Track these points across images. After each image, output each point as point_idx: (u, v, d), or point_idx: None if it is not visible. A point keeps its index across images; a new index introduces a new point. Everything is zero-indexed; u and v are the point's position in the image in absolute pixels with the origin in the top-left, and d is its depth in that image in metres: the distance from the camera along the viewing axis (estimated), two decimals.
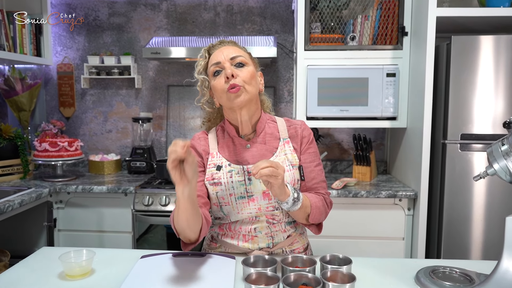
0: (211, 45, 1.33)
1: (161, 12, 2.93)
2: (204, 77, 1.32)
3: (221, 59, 1.27)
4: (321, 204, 1.30)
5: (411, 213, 2.30)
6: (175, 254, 1.32)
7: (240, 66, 1.27)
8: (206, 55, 1.32)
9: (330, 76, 2.41)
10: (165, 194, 2.34)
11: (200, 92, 1.36)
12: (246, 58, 1.30)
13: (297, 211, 1.22)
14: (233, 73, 1.24)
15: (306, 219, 1.29)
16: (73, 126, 3.05)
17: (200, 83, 1.34)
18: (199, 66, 1.33)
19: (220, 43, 1.33)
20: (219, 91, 1.27)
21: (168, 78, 2.98)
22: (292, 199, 1.18)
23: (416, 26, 2.31)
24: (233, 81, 1.23)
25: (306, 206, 1.24)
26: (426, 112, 2.14)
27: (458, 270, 1.14)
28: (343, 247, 2.33)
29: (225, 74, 1.24)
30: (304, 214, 1.26)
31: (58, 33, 2.98)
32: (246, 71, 1.26)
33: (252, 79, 1.27)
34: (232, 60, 1.27)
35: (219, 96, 1.29)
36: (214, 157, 1.34)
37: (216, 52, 1.30)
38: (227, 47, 1.30)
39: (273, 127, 1.38)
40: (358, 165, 2.60)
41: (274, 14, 2.89)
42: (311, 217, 1.27)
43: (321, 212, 1.30)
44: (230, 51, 1.29)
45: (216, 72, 1.27)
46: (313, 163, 1.35)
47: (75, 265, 1.15)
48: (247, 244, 1.32)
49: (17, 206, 2.03)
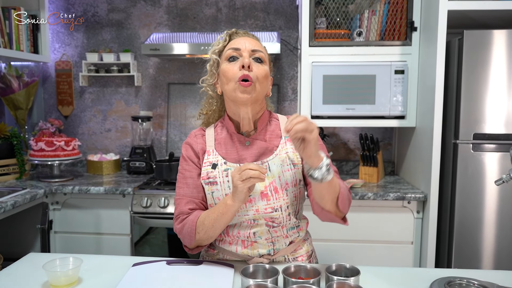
0: (235, 30, 1.27)
1: (161, 7, 2.85)
2: (217, 58, 1.25)
3: (242, 46, 1.20)
4: (345, 187, 1.18)
5: (421, 216, 2.21)
6: (169, 261, 1.23)
7: (258, 61, 1.21)
8: (227, 38, 1.25)
9: (335, 73, 2.32)
10: (164, 196, 2.26)
11: (208, 72, 1.28)
12: (265, 57, 1.24)
13: (328, 187, 1.09)
14: (249, 65, 1.17)
15: (335, 202, 1.14)
16: (71, 125, 2.97)
17: (212, 63, 1.26)
18: (215, 46, 1.26)
19: (244, 33, 1.27)
20: (229, 76, 1.18)
21: (168, 76, 2.90)
22: (326, 164, 1.05)
23: (426, 21, 2.21)
24: (247, 73, 1.16)
25: (335, 183, 1.11)
26: (437, 110, 2.04)
27: (477, 282, 1.05)
28: (349, 251, 2.24)
29: (242, 62, 1.17)
30: (334, 193, 1.12)
31: (56, 30, 2.91)
32: (262, 69, 1.20)
33: (265, 79, 1.21)
34: (253, 52, 1.20)
35: (226, 82, 1.20)
36: (210, 154, 1.25)
37: (239, 39, 1.23)
38: (250, 39, 1.24)
39: (275, 124, 1.30)
40: (365, 165, 2.51)
41: (277, 10, 2.80)
42: (340, 199, 1.13)
43: (347, 197, 1.17)
44: (253, 43, 1.22)
45: (232, 58, 1.20)
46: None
47: (61, 274, 1.07)
48: (246, 250, 1.23)
49: (9, 208, 1.96)
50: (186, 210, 1.22)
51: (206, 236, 1.18)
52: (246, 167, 1.07)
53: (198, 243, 1.22)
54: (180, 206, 1.24)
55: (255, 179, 1.06)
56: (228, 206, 1.12)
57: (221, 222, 1.15)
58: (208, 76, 1.28)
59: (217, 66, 1.25)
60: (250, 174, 1.05)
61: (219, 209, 1.14)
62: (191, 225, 1.18)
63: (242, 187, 1.07)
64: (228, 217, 1.15)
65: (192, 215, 1.20)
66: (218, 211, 1.14)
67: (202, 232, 1.17)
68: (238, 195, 1.10)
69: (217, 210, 1.15)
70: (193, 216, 1.19)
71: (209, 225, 1.16)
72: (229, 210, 1.13)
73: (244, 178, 1.06)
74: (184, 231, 1.20)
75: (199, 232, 1.17)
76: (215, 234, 1.18)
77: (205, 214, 1.18)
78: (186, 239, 1.21)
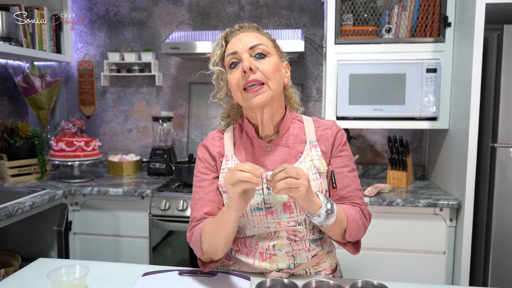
0: (229, 31, 1.15)
1: (183, 6, 2.79)
2: (220, 69, 1.15)
3: (239, 48, 1.08)
4: (358, 217, 1.09)
5: (454, 224, 2.06)
6: (181, 271, 1.15)
7: (261, 57, 1.08)
8: (223, 43, 1.14)
9: (362, 72, 2.20)
10: (183, 199, 2.19)
11: (215, 86, 1.19)
12: (269, 47, 1.11)
13: (332, 226, 1.03)
14: (251, 67, 1.05)
15: (342, 236, 1.09)
16: (93, 125, 2.96)
17: (216, 76, 1.17)
18: (214, 56, 1.15)
19: (239, 28, 1.14)
20: (234, 86, 1.09)
21: (190, 76, 2.84)
22: (325, 211, 0.99)
23: (461, 16, 2.07)
24: (252, 76, 1.05)
25: (341, 219, 1.05)
26: (473, 111, 1.90)
27: None
28: (376, 261, 2.11)
29: (242, 67, 1.06)
30: (339, 229, 1.06)
31: (78, 29, 2.90)
32: (268, 63, 1.07)
33: (275, 73, 1.08)
34: (252, 49, 1.08)
35: (234, 93, 1.11)
36: (229, 160, 1.16)
37: (234, 40, 1.11)
38: (246, 34, 1.11)
39: (299, 127, 1.18)
40: (393, 169, 2.37)
41: (302, 7, 2.69)
42: (348, 233, 1.07)
43: (359, 227, 1.09)
44: (250, 38, 1.10)
45: (233, 64, 1.10)
46: (347, 168, 1.15)
47: (66, 284, 1.01)
48: (264, 264, 1.13)
49: (27, 209, 1.93)
50: (199, 215, 1.12)
51: (210, 248, 1.05)
52: (238, 167, 0.94)
53: (208, 256, 1.09)
54: (193, 212, 1.14)
55: (246, 183, 0.93)
56: (225, 215, 1.01)
57: (221, 234, 1.02)
58: (216, 91, 1.19)
59: (224, 76, 1.15)
60: (239, 177, 0.93)
61: (219, 218, 1.03)
62: (198, 233, 1.07)
63: (233, 192, 0.95)
64: (228, 228, 1.01)
65: (201, 223, 1.09)
66: (218, 220, 1.03)
67: (206, 243, 1.05)
68: (231, 202, 0.97)
69: (217, 219, 1.04)
70: (202, 223, 1.09)
71: (211, 235, 1.04)
72: (226, 220, 1.00)
73: (234, 181, 0.94)
74: (192, 240, 1.10)
75: (203, 242, 1.06)
76: (218, 247, 1.05)
77: (209, 223, 1.07)
78: (196, 250, 1.09)
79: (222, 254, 1.08)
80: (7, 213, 1.80)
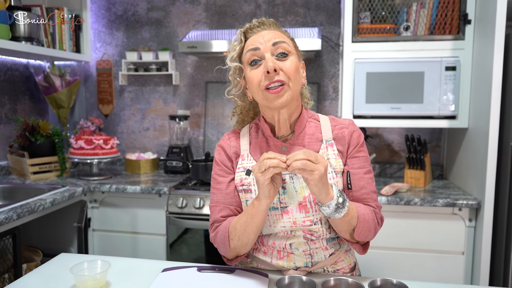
0: (249, 26, 1.13)
1: (200, 5, 2.81)
2: (237, 64, 1.14)
3: (260, 45, 1.07)
4: (370, 218, 1.09)
5: (473, 224, 2.03)
6: (200, 268, 1.17)
7: (283, 56, 1.07)
8: (242, 38, 1.13)
9: (380, 71, 2.18)
10: (199, 196, 2.21)
11: (232, 82, 1.19)
12: (290, 46, 1.10)
13: (340, 222, 1.03)
14: (275, 67, 1.05)
15: (350, 234, 1.08)
16: (111, 124, 3.00)
17: (232, 72, 1.17)
18: (232, 52, 1.15)
19: (259, 24, 1.12)
20: (255, 85, 1.08)
21: (206, 74, 2.86)
22: (335, 204, 1.00)
23: (481, 13, 2.03)
24: (276, 77, 1.05)
25: (352, 217, 1.04)
26: (493, 110, 1.87)
27: None
28: (395, 260, 2.10)
29: (266, 67, 1.05)
30: (348, 227, 1.06)
31: (97, 29, 2.94)
32: (290, 63, 1.07)
33: (296, 73, 1.08)
34: (274, 46, 1.07)
35: (254, 91, 1.11)
36: (245, 159, 1.17)
37: (255, 36, 1.10)
38: (268, 31, 1.10)
39: (315, 126, 1.18)
40: (411, 168, 2.35)
41: (319, 5, 2.69)
42: (357, 232, 1.07)
43: (370, 228, 1.09)
44: (271, 35, 1.09)
45: (253, 62, 1.09)
46: (363, 170, 1.14)
47: (88, 278, 1.03)
48: (281, 262, 1.14)
49: (48, 205, 1.98)
50: (219, 218, 1.15)
51: (240, 243, 1.09)
52: (264, 156, 0.98)
53: (235, 252, 1.12)
54: (213, 214, 1.16)
55: (275, 169, 0.96)
56: (256, 205, 1.04)
57: (252, 225, 1.06)
58: (232, 87, 1.19)
59: (241, 72, 1.15)
60: (268, 164, 0.96)
61: (249, 211, 1.06)
62: (224, 231, 1.10)
63: (263, 179, 0.98)
64: (259, 218, 1.05)
65: (225, 222, 1.12)
66: (248, 213, 1.06)
67: (236, 239, 1.08)
68: (262, 190, 1.00)
69: (247, 212, 1.07)
70: (226, 222, 1.12)
71: (241, 229, 1.07)
72: (258, 210, 1.04)
73: (263, 169, 0.97)
74: (218, 239, 1.12)
75: (233, 239, 1.09)
76: (249, 240, 1.08)
77: (236, 218, 1.10)
78: (221, 248, 1.13)
79: (250, 247, 1.12)
80: (29, 209, 1.85)
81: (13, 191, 2.27)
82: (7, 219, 1.71)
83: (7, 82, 2.58)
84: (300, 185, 1.10)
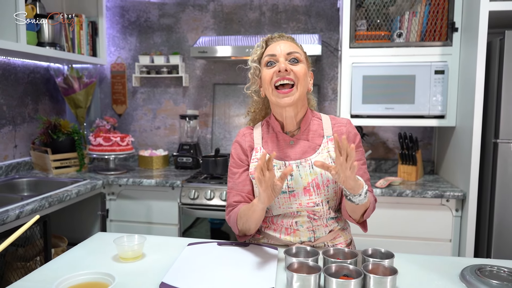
0: (270, 36, 1.37)
1: (208, 12, 3.02)
2: (257, 65, 1.36)
3: (277, 52, 1.30)
4: (373, 200, 1.32)
5: (459, 214, 2.24)
6: (220, 243, 1.37)
7: (294, 62, 1.30)
8: (263, 45, 1.36)
9: (375, 74, 2.39)
10: (210, 189, 2.41)
11: (251, 80, 1.41)
12: (301, 56, 1.33)
13: (362, 206, 1.21)
14: (286, 68, 1.27)
15: (361, 215, 1.28)
16: (124, 123, 3.20)
17: (252, 71, 1.39)
18: (254, 55, 1.38)
19: (279, 36, 1.36)
20: (267, 82, 1.30)
21: (214, 77, 3.06)
22: (365, 191, 1.18)
23: (467, 22, 2.24)
24: (287, 76, 1.27)
25: (368, 200, 1.24)
26: (477, 110, 2.07)
27: (507, 269, 1.11)
28: (387, 246, 2.28)
29: (279, 67, 1.27)
30: (364, 209, 1.25)
31: (112, 34, 3.15)
32: (300, 67, 1.29)
33: (304, 76, 1.30)
34: (288, 55, 1.30)
35: (266, 88, 1.32)
36: (258, 152, 1.38)
37: (274, 44, 1.33)
38: (285, 42, 1.34)
39: (318, 124, 1.39)
40: (404, 164, 2.56)
41: (319, 12, 2.89)
42: (367, 212, 1.28)
43: (372, 208, 1.31)
44: (287, 46, 1.32)
45: (269, 63, 1.31)
46: (360, 162, 1.35)
47: (128, 249, 1.23)
48: (289, 237, 1.35)
49: (74, 196, 2.18)
50: (232, 202, 1.38)
51: (244, 227, 1.32)
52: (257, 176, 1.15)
53: (243, 232, 1.35)
54: (229, 199, 1.40)
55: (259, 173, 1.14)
56: (254, 205, 1.24)
57: (252, 218, 1.27)
58: (251, 84, 1.41)
59: (259, 72, 1.37)
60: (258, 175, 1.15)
61: (250, 207, 1.27)
62: (234, 217, 1.34)
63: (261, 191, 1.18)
64: (256, 216, 1.26)
65: (237, 208, 1.35)
66: (249, 209, 1.27)
67: (241, 224, 1.32)
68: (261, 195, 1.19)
69: (249, 207, 1.28)
70: (237, 209, 1.35)
71: (244, 220, 1.30)
72: (255, 210, 1.24)
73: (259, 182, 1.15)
74: (231, 222, 1.37)
75: (239, 224, 1.33)
76: (251, 227, 1.30)
77: (243, 208, 1.31)
78: (233, 228, 1.37)
79: (254, 231, 1.34)
80: (58, 199, 2.05)
81: (38, 184, 2.48)
82: (41, 207, 1.92)
83: (30, 84, 2.78)
84: (305, 173, 1.30)
